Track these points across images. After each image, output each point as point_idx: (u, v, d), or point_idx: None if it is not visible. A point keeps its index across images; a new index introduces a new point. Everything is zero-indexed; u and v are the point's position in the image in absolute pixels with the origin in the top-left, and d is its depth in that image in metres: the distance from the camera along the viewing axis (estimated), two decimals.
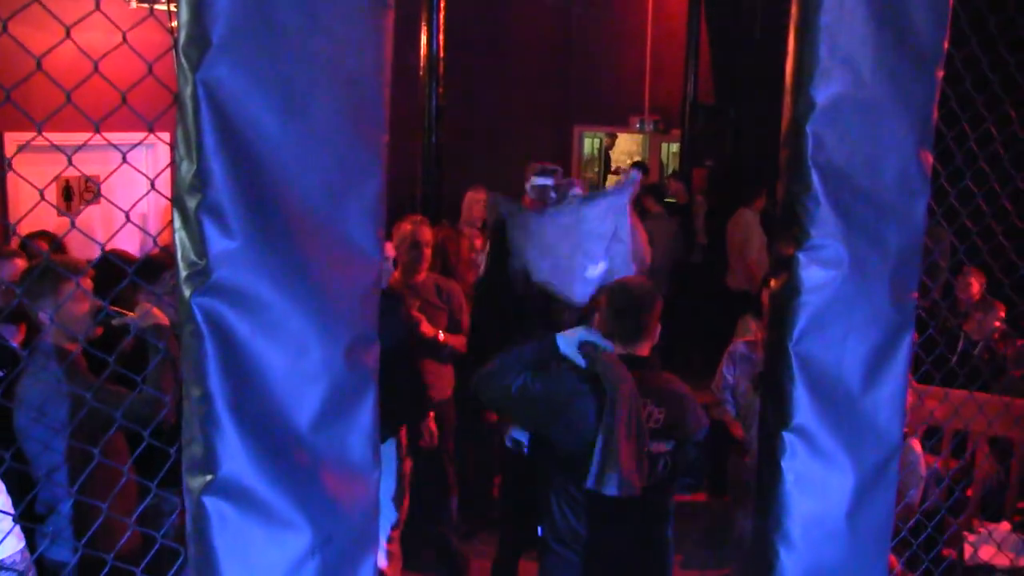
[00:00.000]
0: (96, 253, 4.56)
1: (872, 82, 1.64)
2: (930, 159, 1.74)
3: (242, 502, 1.31)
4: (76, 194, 6.34)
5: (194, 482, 1.30)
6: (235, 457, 1.30)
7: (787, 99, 1.65)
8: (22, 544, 2.03)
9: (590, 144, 12.61)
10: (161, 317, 2.85)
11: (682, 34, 10.01)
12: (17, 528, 2.04)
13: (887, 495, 1.86)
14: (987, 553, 3.37)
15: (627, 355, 2.82)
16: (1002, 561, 3.32)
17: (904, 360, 1.81)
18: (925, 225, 1.78)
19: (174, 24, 1.19)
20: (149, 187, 1.27)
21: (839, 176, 1.64)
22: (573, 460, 2.73)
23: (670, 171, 10.84)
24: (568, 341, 2.79)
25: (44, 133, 1.34)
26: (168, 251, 4.74)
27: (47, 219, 5.95)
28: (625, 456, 2.64)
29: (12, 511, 2.20)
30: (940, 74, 1.71)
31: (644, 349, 2.87)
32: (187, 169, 1.21)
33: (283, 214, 1.28)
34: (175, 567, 1.47)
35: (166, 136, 6.44)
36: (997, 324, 5.32)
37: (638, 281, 3.02)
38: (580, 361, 2.76)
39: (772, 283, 1.74)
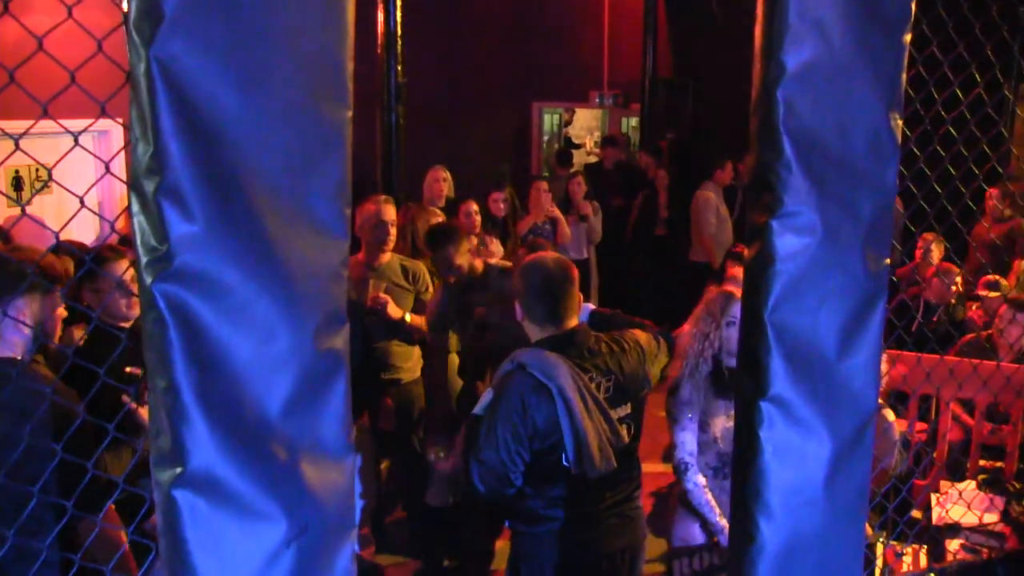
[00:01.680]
0: (48, 244, 4.45)
1: (842, 46, 1.62)
2: (900, 123, 1.73)
3: (213, 494, 1.27)
4: (27, 184, 6.18)
5: (163, 475, 1.25)
6: (204, 448, 1.25)
7: (757, 65, 1.62)
8: None
9: (549, 120, 12.56)
10: None
11: (640, 8, 9.99)
12: None
13: (863, 461, 1.87)
14: (954, 513, 3.42)
15: (558, 335, 2.81)
16: (969, 520, 3.37)
17: (878, 327, 1.81)
18: (896, 190, 1.78)
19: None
20: (104, 170, 1.21)
21: (811, 142, 1.62)
22: (544, 463, 2.73)
23: (635, 145, 10.79)
24: (480, 404, 2.82)
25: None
26: (128, 240, 4.62)
27: None
28: (592, 435, 2.66)
29: None
30: (908, 37, 1.69)
31: (572, 322, 2.85)
32: (143, 151, 1.16)
33: (245, 194, 1.23)
34: (147, 563, 1.42)
35: (121, 121, 6.29)
36: (955, 289, 5.42)
37: (550, 258, 2.94)
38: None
39: (745, 252, 1.72)
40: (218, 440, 1.26)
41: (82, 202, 1.23)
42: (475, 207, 5.95)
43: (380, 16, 5.47)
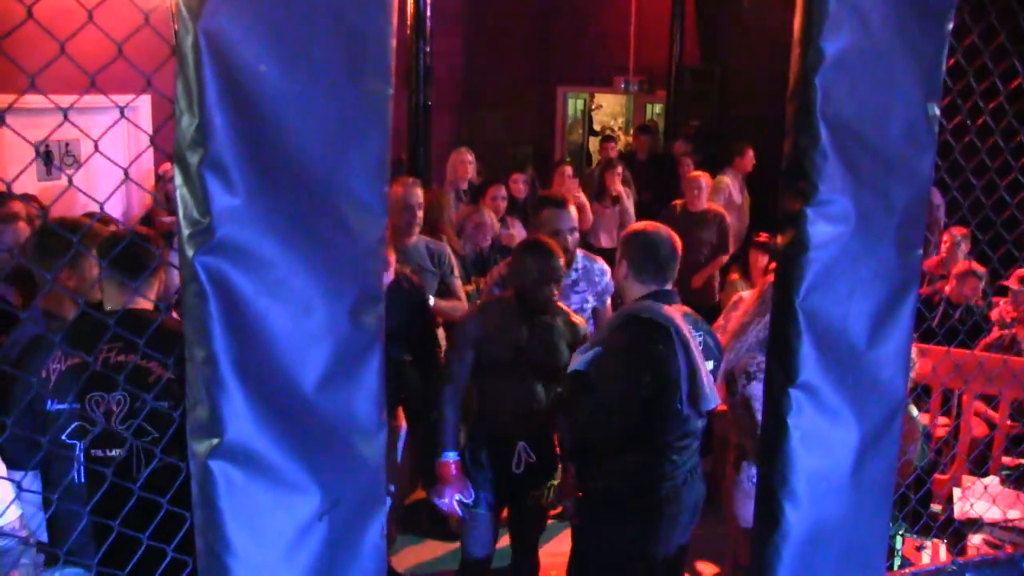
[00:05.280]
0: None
1: (881, 33, 1.61)
2: (937, 112, 1.72)
3: (249, 466, 1.29)
4: (57, 158, 6.24)
5: (200, 446, 1.27)
6: (241, 420, 1.27)
7: (795, 51, 1.62)
8: (21, 511, 2.01)
9: (573, 105, 12.52)
10: None
11: None
12: (13, 493, 2.02)
13: (890, 451, 1.87)
14: (978, 508, 3.40)
15: (660, 291, 3.04)
16: (992, 515, 3.35)
17: (908, 316, 1.80)
18: (931, 180, 1.77)
19: None
20: (149, 143, 1.22)
21: (847, 130, 1.62)
22: (657, 405, 2.88)
23: (661, 133, 10.65)
24: (580, 360, 3.03)
25: (30, 95, 1.29)
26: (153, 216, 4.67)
27: (27, 184, 5.87)
28: (703, 371, 2.90)
29: (12, 477, 2.18)
30: (949, 26, 1.68)
31: (668, 285, 3.09)
32: (188, 123, 1.17)
33: (286, 169, 1.24)
34: (181, 533, 1.44)
35: (147, 100, 6.33)
36: (977, 292, 5.37)
37: (656, 226, 3.20)
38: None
39: (778, 239, 1.72)
40: (255, 411, 1.27)
41: (126, 173, 1.24)
42: (503, 191, 5.95)
43: None
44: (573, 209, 4.10)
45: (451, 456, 3.43)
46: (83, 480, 2.40)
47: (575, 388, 3.04)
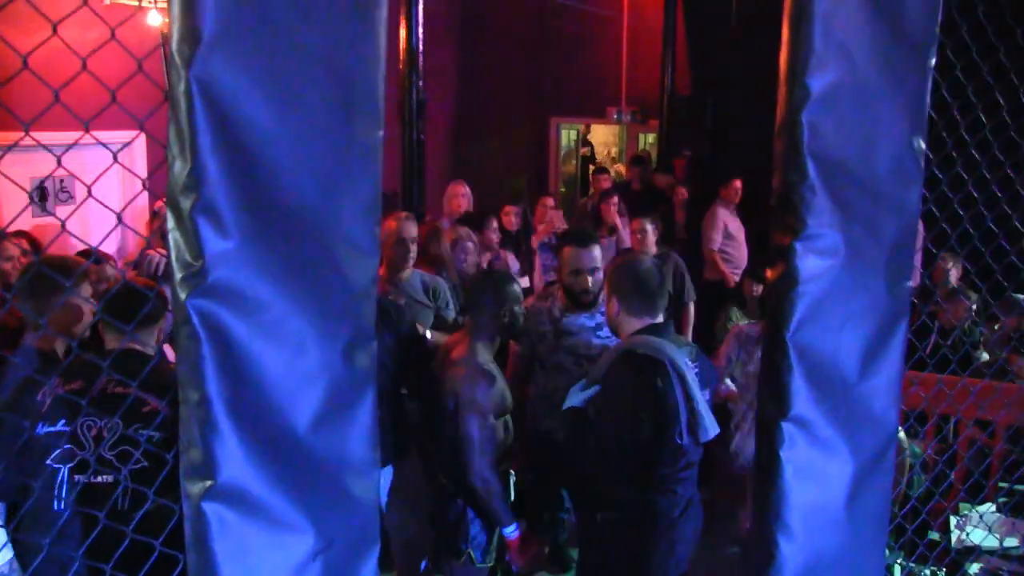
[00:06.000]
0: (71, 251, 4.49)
1: (866, 70, 1.63)
2: (923, 146, 1.74)
3: (243, 507, 1.29)
4: (51, 195, 6.25)
5: (193, 488, 1.27)
6: (235, 461, 1.27)
7: (782, 88, 1.64)
8: (11, 555, 1.99)
9: (567, 136, 12.58)
10: None
11: (659, 24, 10.00)
12: (5, 538, 2.00)
13: (884, 482, 1.87)
14: (975, 536, 3.39)
15: (654, 324, 3.02)
16: (989, 543, 3.33)
17: (899, 348, 1.81)
18: (919, 212, 1.78)
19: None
20: (141, 187, 1.24)
21: (835, 165, 1.63)
22: (660, 439, 2.86)
23: (655, 164, 10.69)
24: (578, 396, 3.05)
25: (23, 134, 1.30)
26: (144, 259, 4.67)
27: (21, 220, 5.87)
28: (702, 403, 2.89)
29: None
30: (933, 61, 1.70)
31: (660, 316, 3.06)
32: (180, 168, 1.18)
33: (279, 212, 1.26)
34: (174, 574, 1.44)
35: (142, 136, 6.36)
36: (968, 311, 5.39)
37: (641, 259, 3.20)
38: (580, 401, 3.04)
39: (769, 273, 1.73)
40: (248, 453, 1.28)
41: (119, 218, 1.25)
42: (495, 223, 5.98)
43: (402, 33, 5.51)
44: (597, 249, 3.92)
45: (518, 529, 3.30)
46: (62, 509, 2.37)
47: (574, 425, 3.03)
